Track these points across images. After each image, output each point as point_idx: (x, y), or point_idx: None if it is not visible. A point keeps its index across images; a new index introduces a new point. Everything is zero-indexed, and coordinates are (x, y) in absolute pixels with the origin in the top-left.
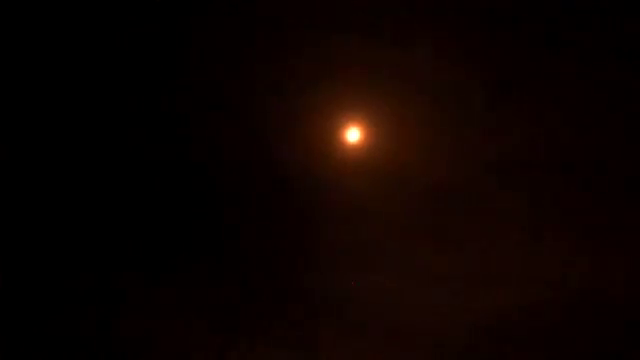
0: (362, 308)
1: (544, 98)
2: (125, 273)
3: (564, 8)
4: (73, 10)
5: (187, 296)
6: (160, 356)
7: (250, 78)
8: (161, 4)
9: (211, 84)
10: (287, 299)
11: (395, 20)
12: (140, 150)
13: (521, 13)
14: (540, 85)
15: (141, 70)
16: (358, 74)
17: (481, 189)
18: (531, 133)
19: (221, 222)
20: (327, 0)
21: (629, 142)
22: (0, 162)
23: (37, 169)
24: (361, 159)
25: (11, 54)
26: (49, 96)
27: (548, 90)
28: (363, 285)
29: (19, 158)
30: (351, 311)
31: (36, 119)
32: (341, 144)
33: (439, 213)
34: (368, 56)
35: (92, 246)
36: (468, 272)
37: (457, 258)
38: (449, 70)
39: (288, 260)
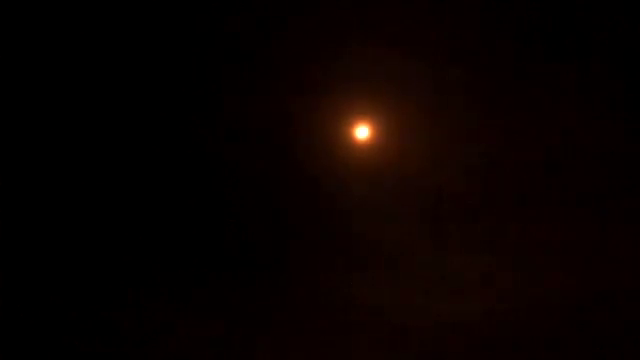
0: (362, 308)
1: (548, 100)
2: (126, 270)
3: (560, 12)
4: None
5: (189, 291)
6: (161, 347)
7: (254, 77)
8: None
9: (216, 86)
10: (287, 297)
11: (397, 21)
12: (146, 151)
13: (520, 18)
14: (542, 86)
15: (148, 73)
16: (361, 77)
17: (483, 190)
18: (537, 134)
19: (223, 220)
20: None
21: (625, 143)
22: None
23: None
24: (365, 159)
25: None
26: (56, 89)
27: (550, 91)
28: (363, 285)
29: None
30: (351, 310)
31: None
32: (347, 145)
33: (441, 213)
34: (372, 57)
35: (95, 244)
36: (469, 273)
37: (458, 259)
38: (454, 71)
39: (289, 258)
